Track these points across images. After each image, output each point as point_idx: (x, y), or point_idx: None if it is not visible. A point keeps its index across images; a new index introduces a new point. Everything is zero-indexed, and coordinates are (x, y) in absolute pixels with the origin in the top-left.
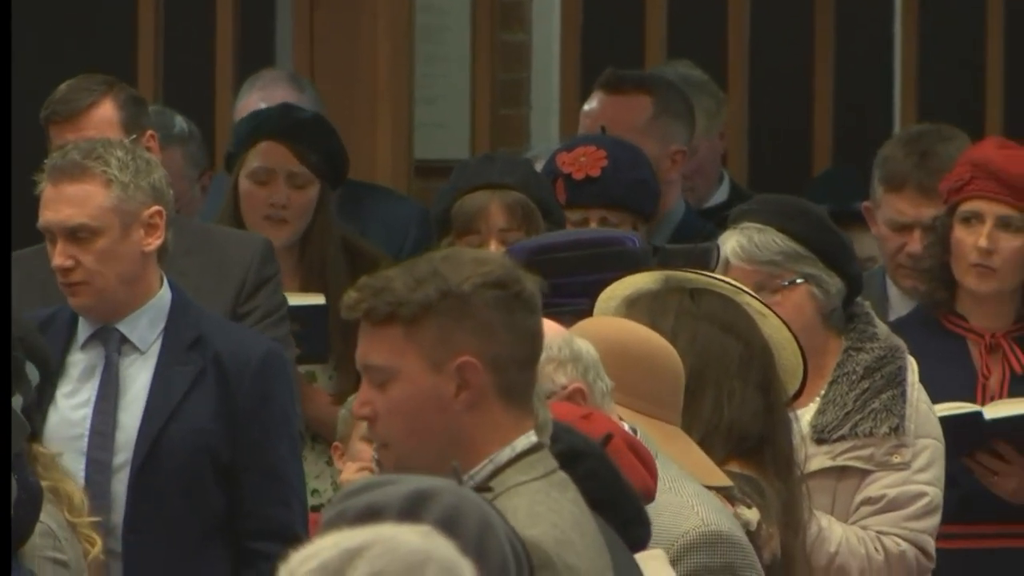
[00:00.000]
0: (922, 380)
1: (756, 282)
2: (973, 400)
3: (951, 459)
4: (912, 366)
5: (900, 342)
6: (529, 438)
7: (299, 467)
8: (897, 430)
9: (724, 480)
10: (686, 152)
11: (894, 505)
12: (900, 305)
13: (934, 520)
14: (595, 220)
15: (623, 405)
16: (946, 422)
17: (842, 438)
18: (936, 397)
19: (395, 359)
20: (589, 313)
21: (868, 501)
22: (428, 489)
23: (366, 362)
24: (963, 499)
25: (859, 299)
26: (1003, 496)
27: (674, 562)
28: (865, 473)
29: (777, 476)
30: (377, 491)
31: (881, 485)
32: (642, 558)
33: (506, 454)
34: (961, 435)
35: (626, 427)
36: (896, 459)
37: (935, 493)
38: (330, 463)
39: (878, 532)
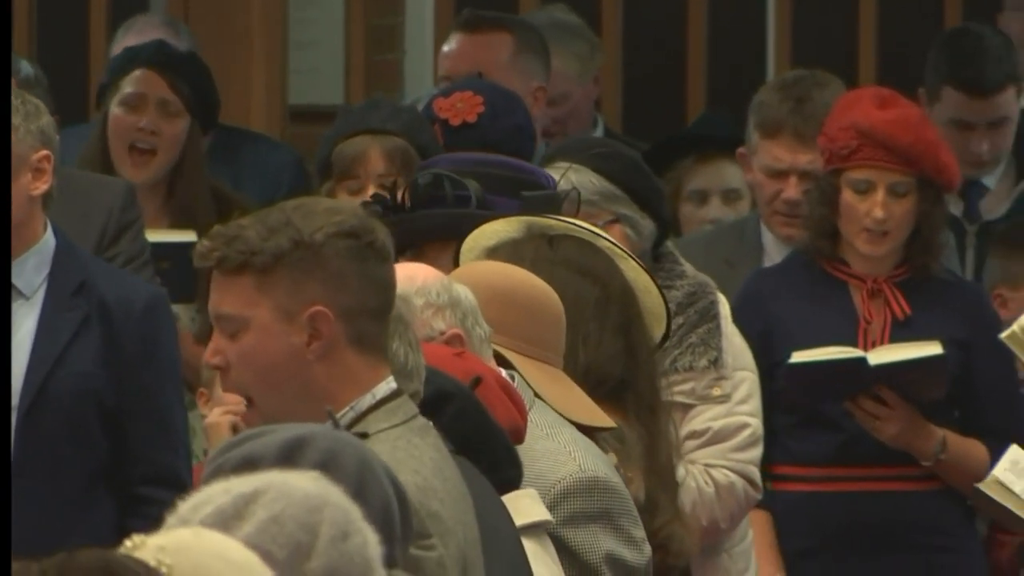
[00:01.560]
0: (804, 324)
1: None
2: (855, 345)
3: (834, 403)
4: (723, 301)
5: (708, 279)
6: (389, 384)
7: (184, 413)
8: (716, 363)
9: (607, 421)
10: (546, 89)
11: (719, 437)
12: (775, 251)
13: (758, 451)
14: None
15: (507, 347)
16: (830, 366)
17: (663, 374)
18: (817, 341)
19: (246, 309)
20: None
21: (693, 435)
22: (303, 436)
23: (218, 311)
24: (845, 443)
25: (666, 242)
26: (884, 440)
27: (551, 508)
28: (687, 407)
29: (639, 420)
30: (253, 442)
31: (704, 418)
32: (513, 497)
33: (367, 401)
34: (845, 380)
35: (502, 372)
36: (716, 392)
37: (757, 424)
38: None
39: (705, 465)
